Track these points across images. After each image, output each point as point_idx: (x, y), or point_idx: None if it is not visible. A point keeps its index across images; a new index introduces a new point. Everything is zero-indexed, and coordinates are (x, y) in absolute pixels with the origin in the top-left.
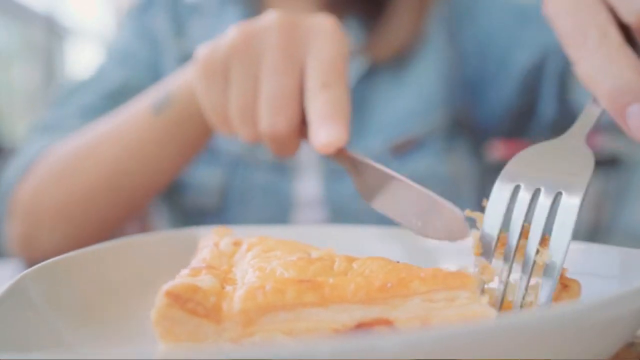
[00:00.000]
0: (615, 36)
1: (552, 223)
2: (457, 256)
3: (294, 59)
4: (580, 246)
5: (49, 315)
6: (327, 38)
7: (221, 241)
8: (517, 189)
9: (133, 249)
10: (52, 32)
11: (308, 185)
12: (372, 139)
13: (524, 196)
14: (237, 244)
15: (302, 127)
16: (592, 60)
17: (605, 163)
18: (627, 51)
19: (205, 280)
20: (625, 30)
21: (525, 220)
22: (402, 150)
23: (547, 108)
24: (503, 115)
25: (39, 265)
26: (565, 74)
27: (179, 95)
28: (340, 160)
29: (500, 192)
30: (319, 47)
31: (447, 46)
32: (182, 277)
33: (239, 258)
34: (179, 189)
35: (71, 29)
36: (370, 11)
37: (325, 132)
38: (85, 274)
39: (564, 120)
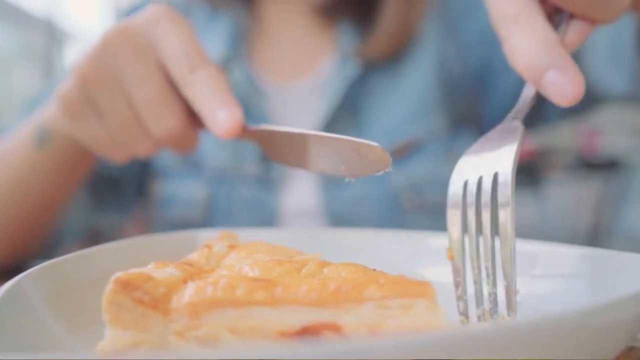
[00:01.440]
0: (531, 12)
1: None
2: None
3: (149, 59)
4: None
5: (47, 317)
6: (167, 24)
7: (217, 244)
8: (465, 185)
9: (133, 251)
10: (51, 37)
11: (301, 196)
12: None
13: (471, 190)
14: (232, 247)
15: (192, 116)
16: (512, 37)
17: (605, 166)
18: (541, 25)
19: (163, 272)
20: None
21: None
22: (400, 155)
23: None
24: (514, 103)
25: (38, 266)
26: (579, 55)
27: (57, 130)
28: (246, 137)
29: (454, 197)
30: (164, 36)
31: (443, 43)
32: (145, 269)
33: (229, 260)
34: (164, 203)
35: (71, 34)
36: (362, 14)
37: (222, 118)
38: (84, 275)
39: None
